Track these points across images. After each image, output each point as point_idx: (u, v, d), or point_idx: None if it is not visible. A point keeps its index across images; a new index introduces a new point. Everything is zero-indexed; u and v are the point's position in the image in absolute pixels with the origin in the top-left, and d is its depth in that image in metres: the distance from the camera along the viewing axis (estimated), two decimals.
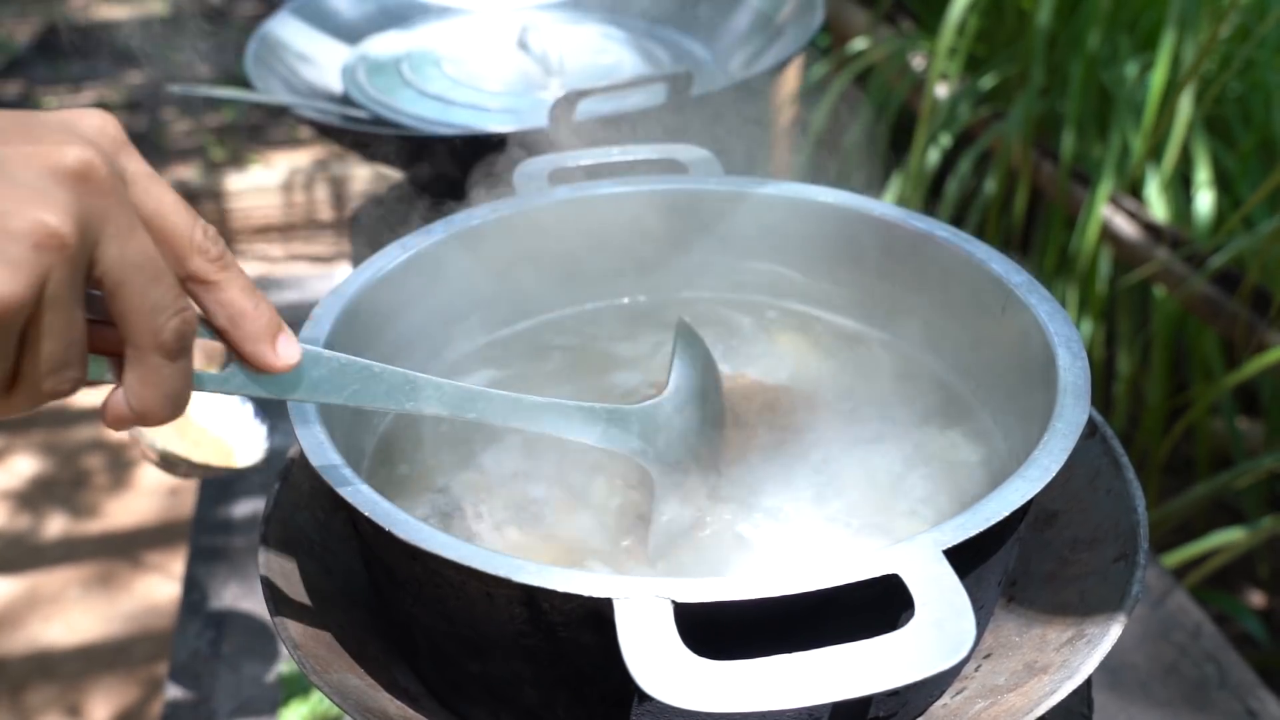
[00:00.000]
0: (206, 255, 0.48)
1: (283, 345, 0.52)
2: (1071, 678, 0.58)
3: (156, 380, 0.47)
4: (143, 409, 0.47)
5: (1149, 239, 1.82)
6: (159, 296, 0.45)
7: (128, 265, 0.44)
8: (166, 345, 0.46)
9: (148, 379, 0.47)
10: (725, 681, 0.47)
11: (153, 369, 0.46)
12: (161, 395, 0.47)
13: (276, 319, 0.51)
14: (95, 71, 4.23)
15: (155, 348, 0.46)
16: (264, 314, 0.50)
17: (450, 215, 0.82)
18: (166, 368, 0.47)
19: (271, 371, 0.52)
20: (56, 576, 2.22)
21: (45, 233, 0.41)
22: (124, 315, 0.45)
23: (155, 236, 0.46)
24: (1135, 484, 0.69)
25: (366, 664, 0.64)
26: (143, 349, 0.46)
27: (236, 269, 0.49)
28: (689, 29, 1.44)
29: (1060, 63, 2.17)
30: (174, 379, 0.47)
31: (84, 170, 0.43)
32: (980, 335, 0.76)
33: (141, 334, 0.46)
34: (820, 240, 0.83)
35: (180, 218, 0.47)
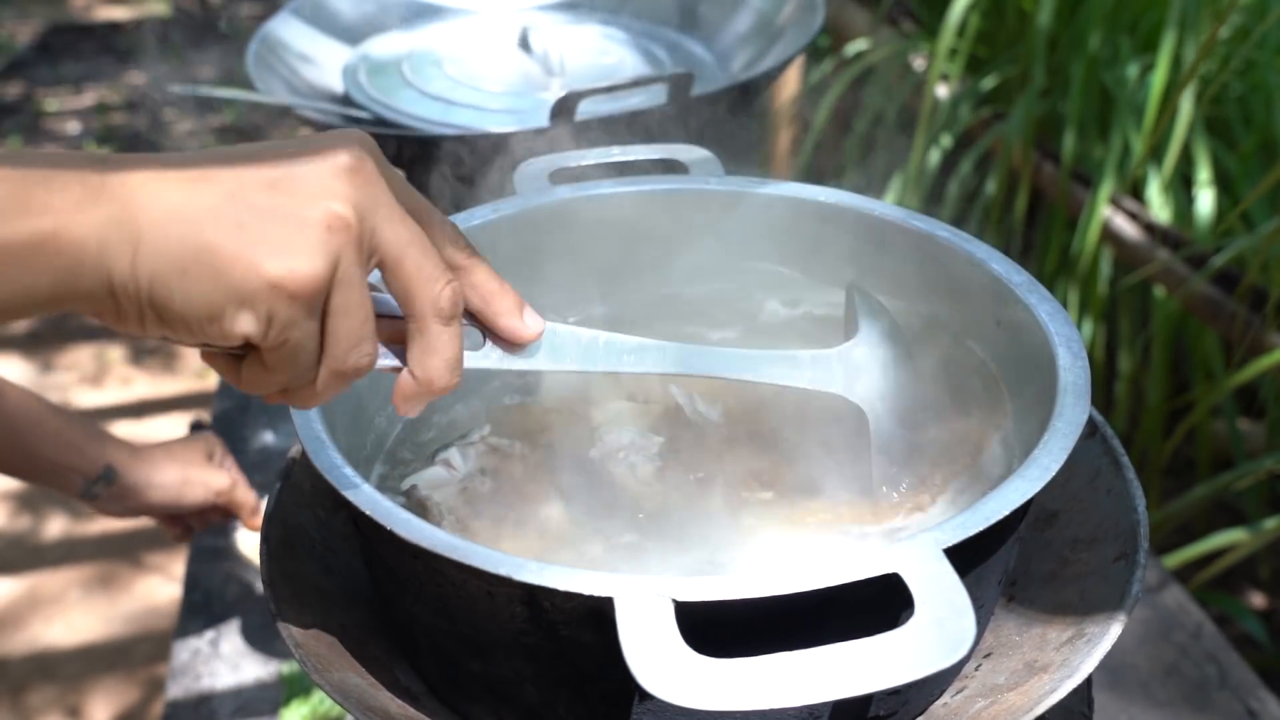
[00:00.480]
0: (457, 245, 0.55)
1: (529, 318, 0.58)
2: (1071, 677, 0.58)
3: (437, 346, 0.53)
4: (427, 377, 0.53)
5: (1150, 240, 1.82)
6: (432, 268, 0.51)
7: (402, 243, 0.51)
8: (443, 311, 0.52)
9: (430, 346, 0.52)
10: (726, 680, 0.47)
11: (434, 335, 0.52)
12: (442, 360, 0.53)
13: (519, 297, 0.58)
14: (96, 72, 4.23)
15: (435, 314, 0.52)
16: (510, 293, 0.57)
17: (451, 215, 0.82)
18: (445, 333, 0.53)
19: (523, 341, 0.58)
20: (57, 577, 2.22)
21: (335, 217, 0.48)
22: (405, 287, 0.51)
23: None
24: (1135, 483, 0.69)
25: (368, 663, 0.64)
26: (424, 317, 0.52)
27: (480, 256, 0.56)
28: (690, 30, 1.44)
29: (1061, 64, 2.17)
30: (451, 344, 0.53)
31: (356, 165, 0.49)
32: (981, 334, 0.76)
33: (422, 301, 0.52)
34: (820, 240, 0.83)
35: (434, 213, 0.54)
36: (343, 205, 0.48)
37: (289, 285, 0.47)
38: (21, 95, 4.07)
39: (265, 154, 0.49)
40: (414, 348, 0.53)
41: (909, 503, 0.70)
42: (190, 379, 2.76)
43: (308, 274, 0.47)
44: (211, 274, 0.46)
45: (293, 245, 0.47)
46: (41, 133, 3.74)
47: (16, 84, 4.16)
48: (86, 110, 3.95)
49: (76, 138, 3.73)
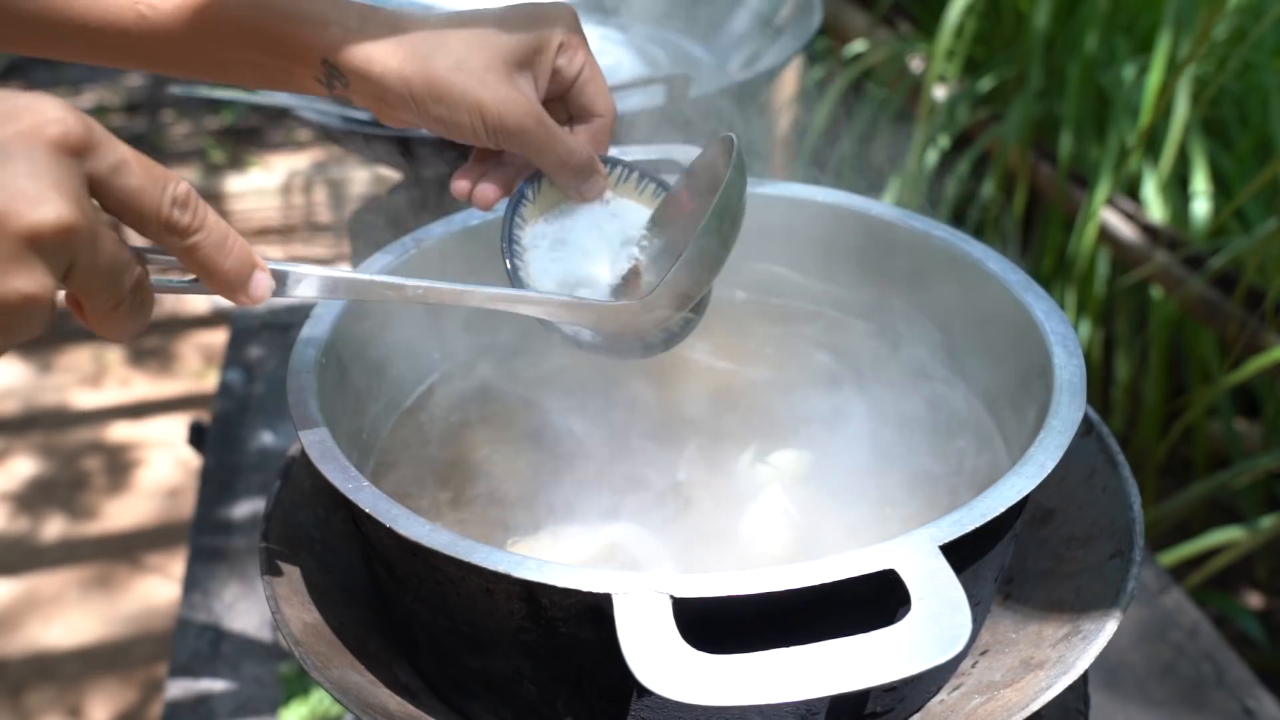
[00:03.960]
0: (175, 229, 0.51)
1: (254, 289, 0.55)
2: (1067, 673, 0.58)
3: (110, 326, 0.51)
4: (106, 335, 0.52)
5: (1147, 241, 1.82)
6: (115, 288, 0.49)
7: (93, 277, 0.48)
8: (121, 311, 0.50)
9: (103, 325, 0.51)
10: (723, 675, 0.47)
11: (107, 322, 0.51)
12: (117, 333, 0.52)
13: (249, 263, 0.54)
14: (95, 74, 4.23)
15: (111, 313, 0.50)
16: (235, 264, 0.54)
17: (449, 215, 0.82)
18: (120, 320, 0.51)
19: (246, 305, 0.56)
20: (56, 578, 2.22)
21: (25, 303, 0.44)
22: (84, 298, 0.49)
23: (126, 220, 0.50)
24: (1131, 481, 0.70)
25: (367, 660, 0.64)
26: (100, 314, 0.50)
27: (208, 227, 0.52)
28: (688, 31, 1.44)
29: (1058, 65, 2.17)
30: (128, 324, 0.51)
31: (59, 232, 0.45)
32: (977, 333, 0.76)
33: (99, 310, 0.50)
34: (818, 240, 0.84)
35: (146, 200, 0.49)
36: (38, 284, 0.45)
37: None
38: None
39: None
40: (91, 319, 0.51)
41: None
42: (189, 380, 2.76)
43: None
44: None
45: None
46: None
47: (15, 85, 4.16)
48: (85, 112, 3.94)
49: None
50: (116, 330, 0.51)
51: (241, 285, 0.54)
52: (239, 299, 0.55)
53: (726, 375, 0.83)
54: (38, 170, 0.44)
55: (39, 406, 2.70)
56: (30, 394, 2.73)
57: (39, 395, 2.73)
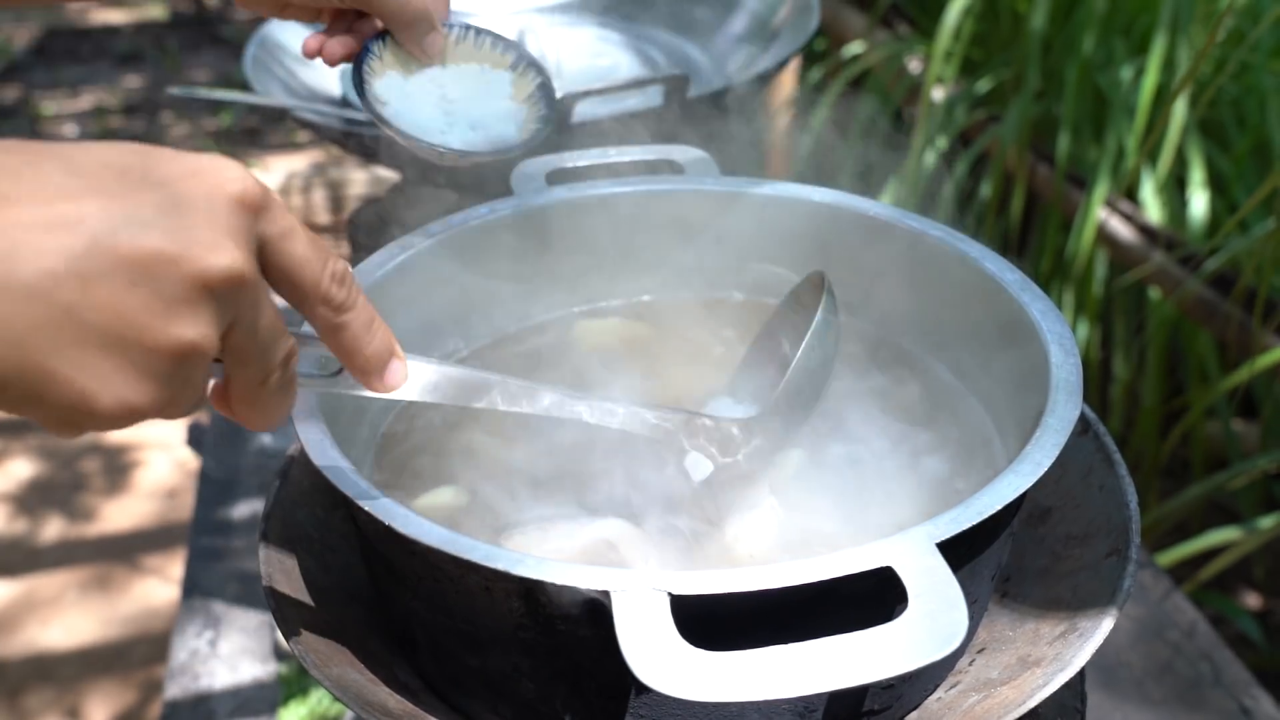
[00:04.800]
0: (331, 304, 0.50)
1: (390, 375, 0.54)
2: (1064, 670, 0.58)
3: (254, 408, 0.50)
4: (243, 420, 0.50)
5: (1145, 241, 1.83)
6: (271, 357, 0.48)
7: (251, 341, 0.47)
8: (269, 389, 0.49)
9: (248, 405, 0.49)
10: (721, 672, 0.47)
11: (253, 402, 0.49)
12: (260, 418, 0.50)
13: (389, 349, 0.54)
14: (94, 75, 4.23)
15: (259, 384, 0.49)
16: (377, 348, 0.53)
17: (448, 216, 0.83)
18: (266, 402, 0.50)
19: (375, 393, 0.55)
20: (54, 579, 2.22)
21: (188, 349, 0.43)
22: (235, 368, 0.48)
23: (284, 289, 0.49)
24: (1127, 480, 0.70)
25: (366, 659, 0.64)
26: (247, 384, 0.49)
27: (359, 308, 0.52)
28: (686, 32, 1.45)
29: (1055, 66, 2.18)
30: (272, 408, 0.50)
31: (229, 282, 0.44)
32: (974, 333, 0.76)
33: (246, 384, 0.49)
34: (816, 240, 0.84)
35: (308, 272, 0.49)
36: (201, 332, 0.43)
37: (119, 418, 0.43)
38: (19, 99, 4.07)
39: (120, 225, 0.42)
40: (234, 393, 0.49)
41: None
42: None
43: (141, 407, 0.43)
44: (35, 394, 0.41)
45: (133, 378, 0.42)
46: (39, 136, 3.74)
47: (14, 87, 4.16)
48: (84, 114, 3.95)
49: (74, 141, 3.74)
50: (262, 410, 0.49)
51: (379, 370, 0.54)
52: (374, 384, 0.54)
53: (724, 375, 0.83)
54: (216, 220, 0.44)
55: None
56: None
57: None
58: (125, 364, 0.42)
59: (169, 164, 0.44)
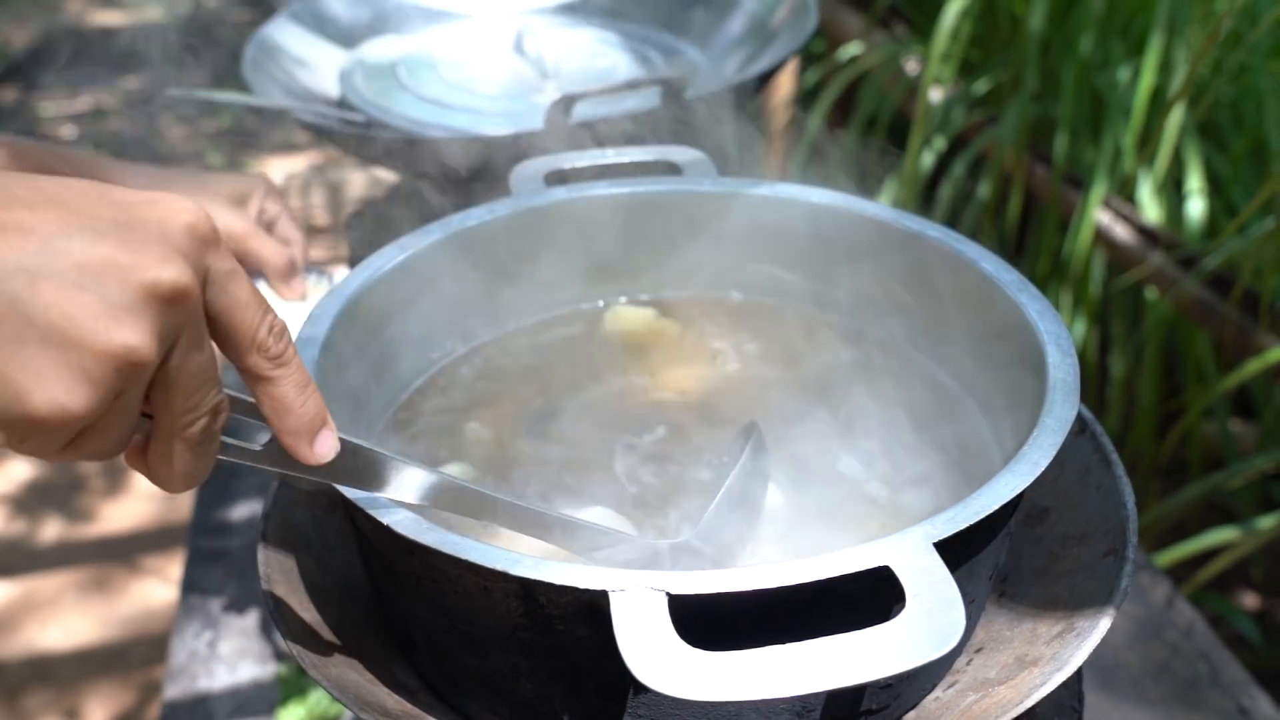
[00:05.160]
0: (266, 354, 0.50)
1: (320, 444, 0.53)
2: (1061, 670, 0.59)
3: (175, 461, 0.48)
4: (157, 479, 0.49)
5: (1142, 242, 1.83)
6: (199, 398, 0.47)
7: (184, 373, 0.46)
8: (190, 438, 0.48)
9: (167, 457, 0.48)
10: (720, 672, 0.47)
11: (174, 452, 0.48)
12: (176, 473, 0.49)
13: (320, 416, 0.53)
14: (93, 77, 4.23)
15: (181, 438, 0.48)
16: (308, 412, 0.52)
17: (447, 217, 0.83)
18: (185, 454, 0.48)
19: (304, 463, 0.53)
20: (53, 580, 2.22)
21: (129, 357, 0.43)
22: (164, 406, 0.47)
23: (220, 330, 0.48)
24: (1125, 480, 0.70)
25: (365, 659, 0.65)
26: (170, 435, 0.48)
27: (293, 365, 0.51)
28: (684, 33, 1.45)
29: (1053, 67, 2.18)
30: (190, 463, 0.49)
31: (174, 295, 0.44)
32: (972, 333, 0.77)
33: (173, 425, 0.47)
34: (813, 241, 0.84)
35: (247, 315, 0.48)
36: (143, 340, 0.43)
37: (51, 422, 0.42)
38: (18, 100, 4.07)
39: (74, 234, 0.42)
40: (154, 449, 0.48)
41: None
42: None
43: (75, 413, 0.42)
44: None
45: (69, 380, 0.42)
46: (38, 138, 3.73)
47: (13, 89, 4.16)
48: (83, 115, 3.95)
49: (73, 142, 3.73)
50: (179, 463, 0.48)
51: (309, 435, 0.52)
52: (302, 452, 0.52)
53: (721, 374, 0.83)
54: (167, 240, 0.44)
55: None
56: None
57: None
58: (63, 364, 0.42)
59: (125, 193, 0.45)
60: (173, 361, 0.45)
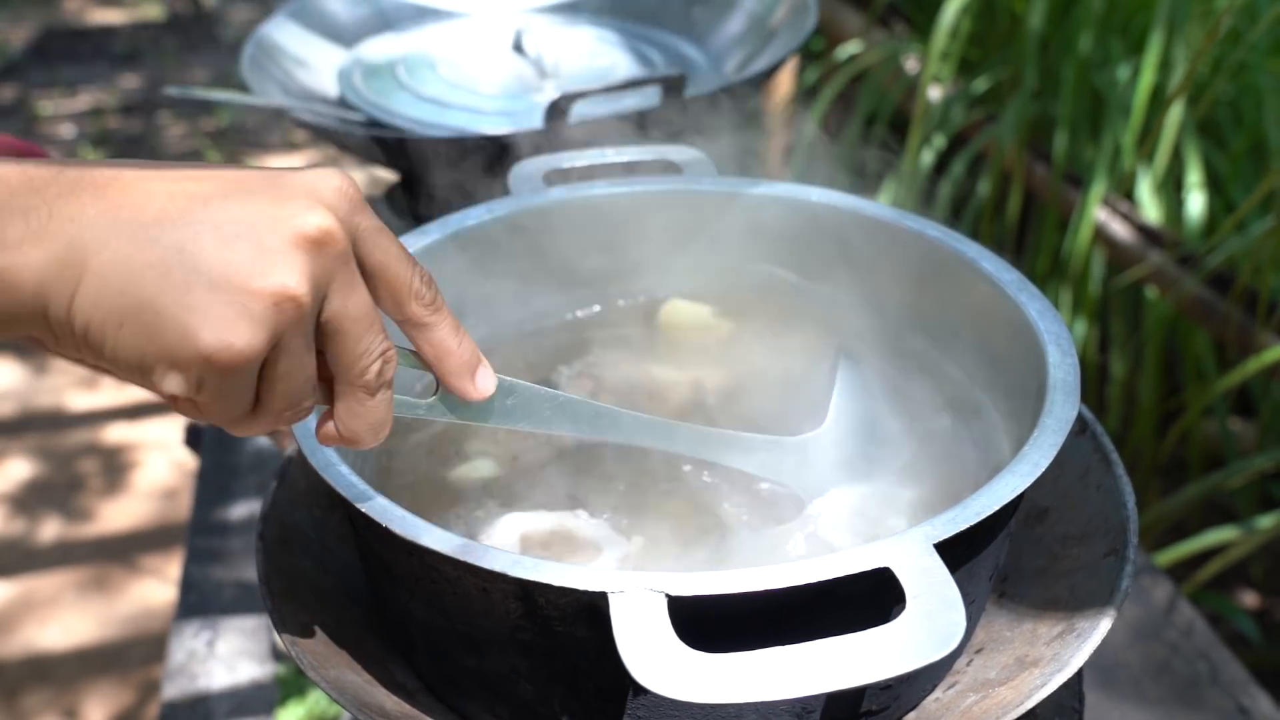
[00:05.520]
0: (421, 300, 0.54)
1: (481, 379, 0.58)
2: (1062, 670, 0.58)
3: (361, 412, 0.53)
4: (350, 435, 0.54)
5: (1142, 241, 1.83)
6: (368, 343, 0.51)
7: (346, 318, 0.50)
8: (369, 384, 0.52)
9: (354, 410, 0.53)
10: (719, 673, 0.47)
11: (358, 402, 0.53)
12: (365, 424, 0.53)
13: (477, 355, 0.57)
14: (91, 75, 4.23)
15: (360, 386, 0.52)
16: (466, 351, 0.57)
17: (446, 216, 0.83)
18: (369, 401, 0.53)
19: (469, 400, 0.58)
20: (52, 580, 2.22)
21: (285, 294, 0.47)
22: (337, 357, 0.51)
23: (378, 285, 0.52)
24: (1125, 480, 0.70)
25: (364, 660, 0.64)
26: (350, 385, 0.52)
27: (446, 311, 0.56)
28: (683, 32, 1.45)
29: (1053, 66, 2.18)
30: (375, 411, 0.53)
31: (323, 238, 0.48)
32: (971, 333, 0.76)
33: (350, 373, 0.52)
34: (813, 240, 0.84)
35: (401, 268, 0.53)
36: (297, 280, 0.47)
37: (221, 359, 0.46)
38: (16, 98, 4.07)
39: (232, 195, 0.48)
40: (340, 406, 0.53)
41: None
42: None
43: (242, 350, 0.46)
44: (146, 332, 0.46)
45: (233, 318, 0.46)
46: (36, 136, 3.73)
47: (11, 87, 4.16)
48: (81, 113, 3.95)
49: (71, 141, 3.73)
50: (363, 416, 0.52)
51: (471, 372, 0.57)
52: (467, 388, 0.57)
53: (721, 374, 0.83)
54: (314, 196, 0.49)
55: (35, 408, 2.69)
56: (26, 396, 2.73)
57: (35, 397, 2.72)
58: (227, 305, 0.46)
59: (278, 169, 0.51)
60: (332, 306, 0.49)
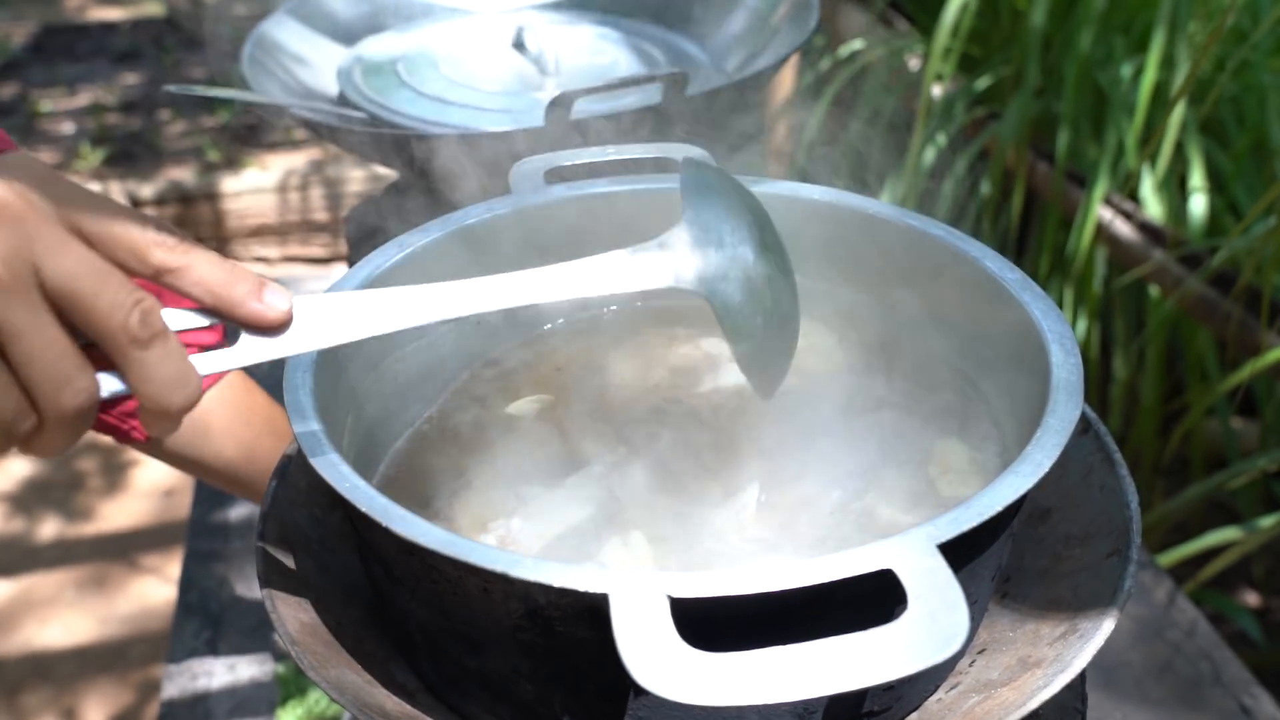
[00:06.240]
0: (164, 246, 0.49)
1: (269, 297, 0.52)
2: (1064, 671, 0.58)
3: (147, 372, 0.47)
4: (155, 402, 0.48)
5: (1145, 239, 1.83)
6: (111, 295, 0.46)
7: (68, 277, 0.45)
8: (136, 337, 0.47)
9: (140, 374, 0.47)
10: (721, 675, 0.47)
11: (137, 362, 0.47)
12: (160, 384, 0.48)
13: (254, 278, 0.51)
14: (91, 73, 4.22)
15: (128, 343, 0.47)
16: (241, 278, 0.51)
17: (446, 214, 0.82)
18: (147, 355, 0.47)
19: (268, 324, 0.52)
20: (52, 579, 2.22)
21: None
22: (86, 322, 0.46)
23: (110, 245, 0.47)
24: (1128, 480, 0.70)
25: (364, 660, 0.64)
26: (118, 347, 0.47)
27: (199, 249, 0.50)
28: (684, 29, 1.44)
29: (1055, 64, 2.18)
30: (162, 366, 0.48)
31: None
32: (974, 332, 0.76)
33: (108, 333, 0.46)
34: (814, 239, 0.84)
35: (127, 220, 0.48)
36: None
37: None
38: (16, 96, 4.07)
39: None
40: (127, 377, 0.48)
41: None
42: None
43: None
44: None
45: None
46: (36, 133, 3.73)
47: (11, 85, 4.16)
48: (81, 111, 3.94)
49: (71, 138, 3.73)
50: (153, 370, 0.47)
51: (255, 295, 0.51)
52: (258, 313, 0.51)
53: (721, 374, 0.82)
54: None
55: None
56: None
57: None
58: None
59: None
60: (47, 273, 0.45)
